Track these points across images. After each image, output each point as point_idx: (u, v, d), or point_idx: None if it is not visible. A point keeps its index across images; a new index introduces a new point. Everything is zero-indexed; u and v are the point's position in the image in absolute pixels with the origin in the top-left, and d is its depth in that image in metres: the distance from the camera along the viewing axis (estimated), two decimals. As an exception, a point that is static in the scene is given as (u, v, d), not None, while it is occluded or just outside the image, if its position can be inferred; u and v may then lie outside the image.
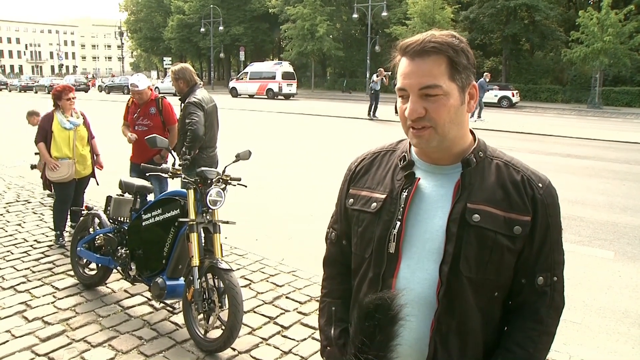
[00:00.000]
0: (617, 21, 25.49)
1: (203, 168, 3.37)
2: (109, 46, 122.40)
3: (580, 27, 26.89)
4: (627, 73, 29.76)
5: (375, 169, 1.31)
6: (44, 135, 4.97)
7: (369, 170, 1.32)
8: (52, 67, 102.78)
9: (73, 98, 5.01)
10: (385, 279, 1.20)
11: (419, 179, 1.20)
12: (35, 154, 5.34)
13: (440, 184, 1.19)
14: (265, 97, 31.91)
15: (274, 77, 32.27)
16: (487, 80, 19.85)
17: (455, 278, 1.13)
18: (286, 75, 32.46)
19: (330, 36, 42.94)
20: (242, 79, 34.67)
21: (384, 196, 1.23)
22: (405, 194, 1.20)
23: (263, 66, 34.88)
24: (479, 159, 1.19)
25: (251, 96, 32.80)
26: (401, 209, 1.19)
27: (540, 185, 1.17)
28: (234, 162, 3.47)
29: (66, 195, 5.10)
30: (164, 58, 51.75)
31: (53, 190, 5.38)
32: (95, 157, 5.32)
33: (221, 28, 48.31)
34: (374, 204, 1.24)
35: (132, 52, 78.01)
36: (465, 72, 1.14)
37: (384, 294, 1.07)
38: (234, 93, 34.17)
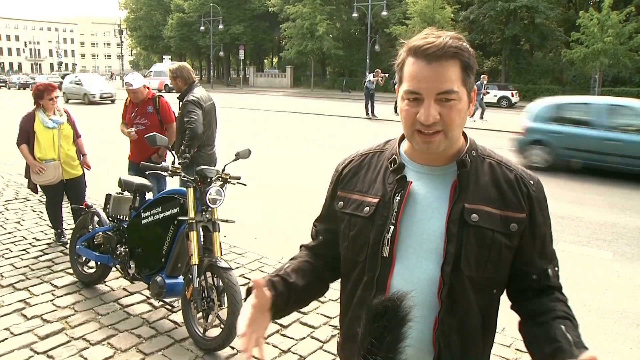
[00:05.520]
0: (617, 22, 25.49)
1: (202, 167, 3.37)
2: (109, 44, 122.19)
3: (580, 28, 26.89)
4: (626, 74, 29.76)
5: (365, 172, 1.29)
6: (26, 137, 4.72)
7: (358, 173, 1.30)
8: (52, 65, 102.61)
9: (56, 97, 4.76)
10: (379, 283, 1.19)
11: (411, 182, 1.20)
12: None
13: (435, 186, 1.20)
14: (164, 91, 36.95)
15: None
16: (485, 82, 19.78)
17: (456, 278, 1.14)
18: None
19: (330, 35, 42.89)
20: (149, 76, 40.10)
21: (376, 200, 1.22)
22: (399, 198, 1.19)
23: (163, 66, 40.50)
24: (472, 159, 1.20)
25: (159, 91, 36.56)
26: (394, 213, 1.18)
27: (532, 182, 1.21)
28: (233, 160, 3.46)
29: (55, 196, 4.96)
30: (164, 56, 51.64)
31: (39, 192, 5.16)
32: (82, 158, 5.07)
33: (221, 27, 48.22)
34: (367, 208, 1.23)
35: (131, 50, 77.84)
36: (473, 77, 1.16)
37: (393, 295, 1.07)
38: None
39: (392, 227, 1.18)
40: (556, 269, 1.24)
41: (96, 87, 26.75)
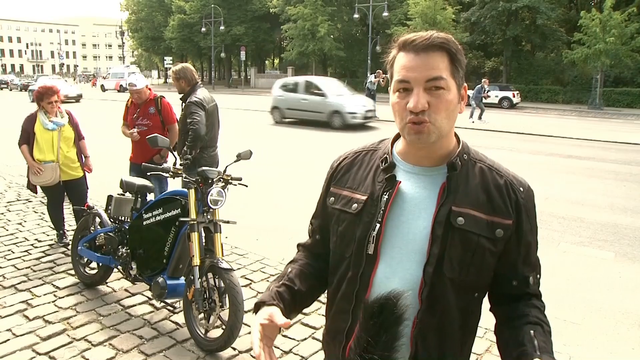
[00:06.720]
0: (620, 22, 25.45)
1: (204, 168, 3.37)
2: (110, 45, 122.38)
3: (582, 28, 26.86)
4: (628, 74, 29.71)
5: (357, 169, 1.30)
6: (27, 138, 4.74)
7: (350, 170, 1.31)
8: (53, 66, 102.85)
9: (56, 101, 4.73)
10: (362, 279, 1.20)
11: (400, 182, 1.21)
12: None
13: (424, 186, 1.20)
14: (119, 90, 41.51)
15: (123, 77, 42.60)
16: (486, 87, 19.73)
17: (438, 279, 1.14)
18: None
19: (331, 36, 42.89)
20: (107, 77, 46.52)
21: (364, 197, 1.23)
22: (386, 196, 1.19)
23: (118, 69, 47.62)
24: (463, 162, 1.20)
25: (119, 91, 40.91)
26: (381, 212, 1.19)
27: (521, 189, 1.20)
28: (235, 161, 3.47)
29: (56, 197, 4.97)
30: (165, 58, 51.66)
31: (39, 193, 5.18)
32: (84, 159, 5.03)
33: (222, 28, 48.26)
34: (355, 205, 1.24)
35: (132, 52, 77.99)
36: (462, 72, 1.17)
37: (389, 294, 1.07)
38: (103, 88, 44.44)
39: (377, 225, 1.19)
40: (538, 276, 1.25)
41: (351, 102, 16.12)
